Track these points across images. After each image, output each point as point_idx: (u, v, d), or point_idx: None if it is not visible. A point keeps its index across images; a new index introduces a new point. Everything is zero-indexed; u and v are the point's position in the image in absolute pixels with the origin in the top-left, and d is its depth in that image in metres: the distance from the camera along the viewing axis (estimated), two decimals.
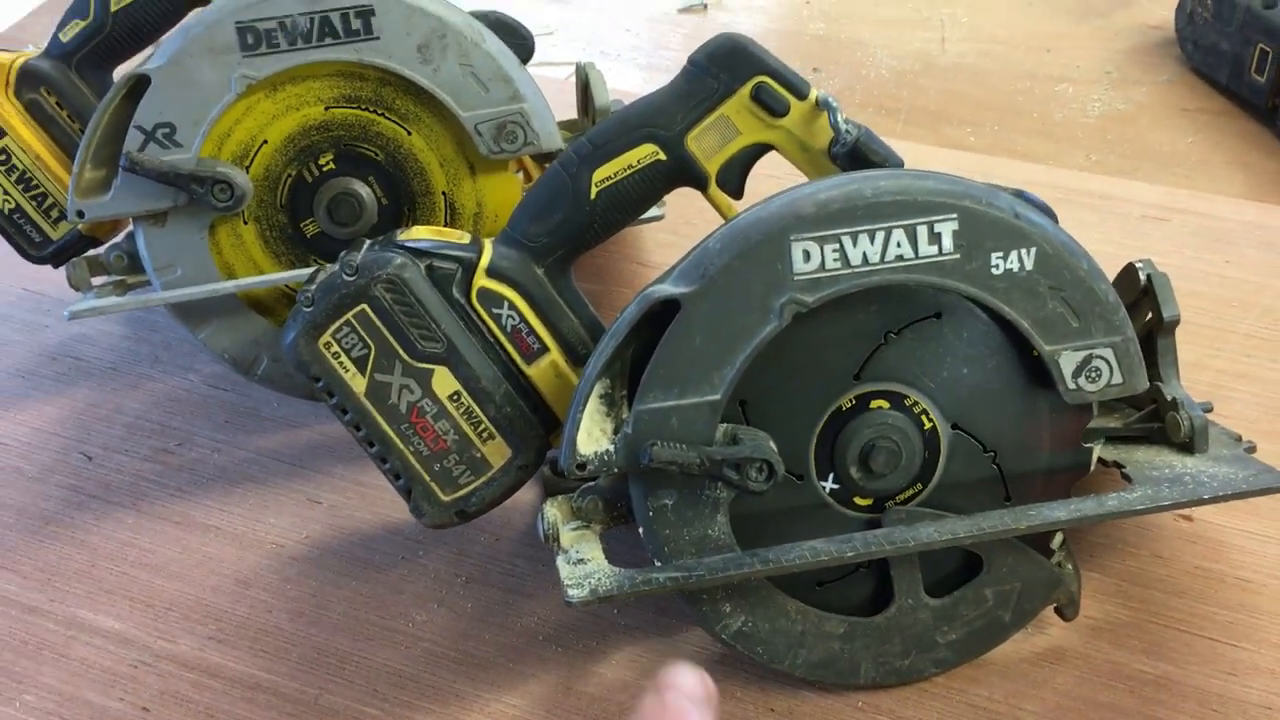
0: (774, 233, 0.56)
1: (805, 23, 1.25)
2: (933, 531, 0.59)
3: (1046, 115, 1.10)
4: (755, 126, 0.64)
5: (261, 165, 0.75)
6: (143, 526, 0.73)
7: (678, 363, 0.57)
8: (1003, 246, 0.57)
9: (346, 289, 0.60)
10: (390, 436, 0.62)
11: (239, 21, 0.71)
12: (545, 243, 0.64)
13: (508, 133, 0.75)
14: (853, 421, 0.60)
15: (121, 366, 0.84)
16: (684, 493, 0.59)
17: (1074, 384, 0.59)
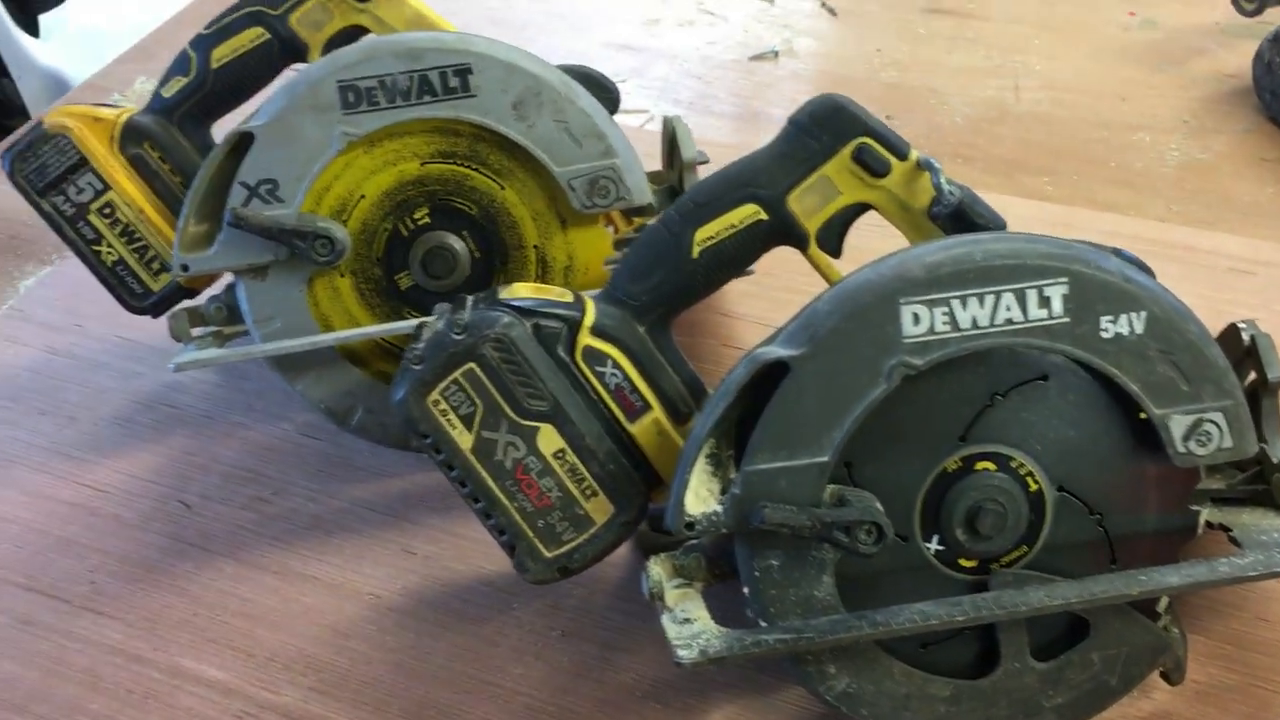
0: (884, 296, 0.56)
1: (877, 71, 1.26)
2: (1043, 596, 0.58)
3: (1125, 164, 1.10)
4: (856, 186, 0.65)
5: (359, 219, 0.76)
6: (242, 575, 0.74)
7: (787, 424, 0.57)
8: (1113, 310, 0.57)
9: (455, 348, 0.61)
10: (495, 493, 0.62)
11: (341, 80, 0.72)
12: (647, 301, 0.65)
13: (600, 188, 0.75)
14: (959, 483, 0.60)
15: (216, 415, 0.85)
16: (790, 553, 0.59)
17: (1184, 448, 0.59)
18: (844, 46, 1.30)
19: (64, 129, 0.78)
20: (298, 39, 0.81)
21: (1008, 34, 1.31)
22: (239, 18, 0.81)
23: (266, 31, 0.81)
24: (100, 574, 0.75)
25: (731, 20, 1.37)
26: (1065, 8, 1.36)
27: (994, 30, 1.32)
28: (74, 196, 0.79)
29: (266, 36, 0.81)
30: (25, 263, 1.03)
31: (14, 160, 0.79)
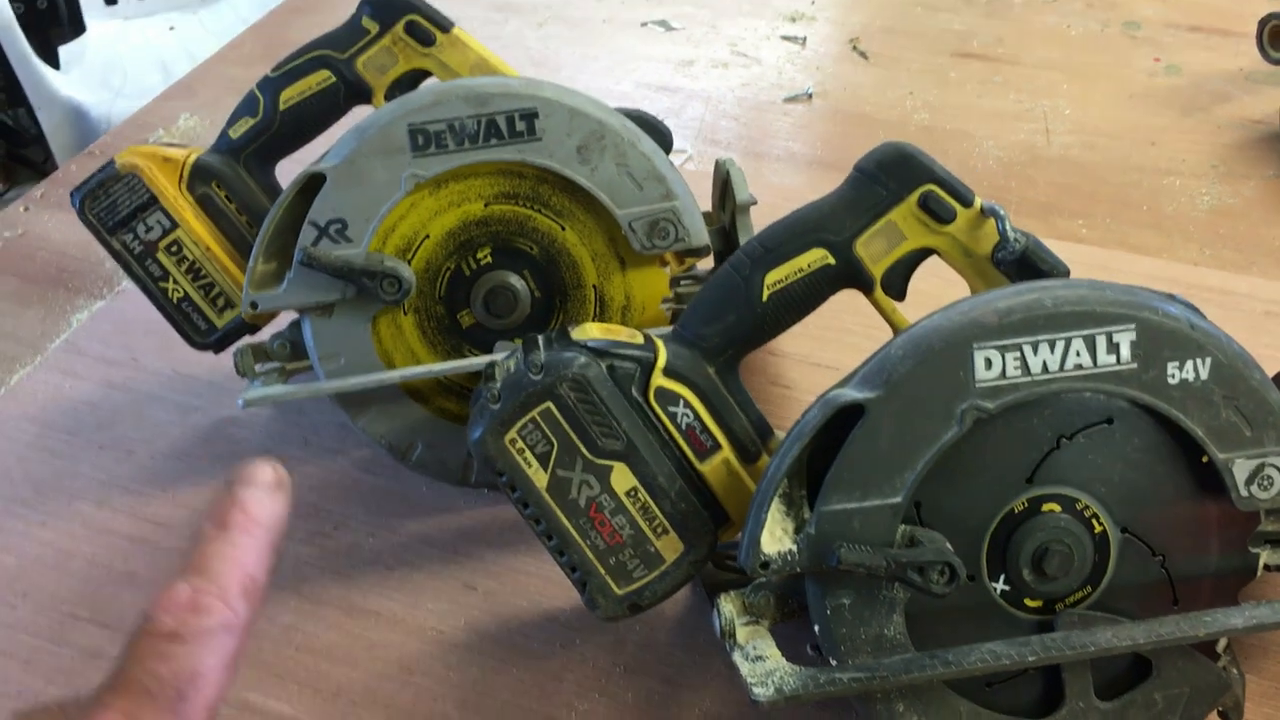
0: (957, 341, 0.57)
1: (910, 113, 1.28)
2: (1110, 637, 0.59)
3: (1157, 208, 1.12)
4: (921, 232, 0.66)
5: (423, 259, 0.77)
6: (305, 610, 0.75)
7: (861, 466, 0.58)
8: (1179, 356, 0.58)
9: (533, 387, 0.62)
10: (569, 530, 0.64)
11: (411, 124, 0.74)
12: (717, 343, 0.66)
13: (660, 229, 0.77)
14: (1025, 524, 0.61)
15: (274, 449, 0.87)
16: (862, 592, 0.60)
17: (1246, 491, 0.60)
18: (876, 89, 1.33)
19: (135, 168, 0.80)
20: (363, 82, 0.83)
21: (1037, 78, 1.33)
22: (306, 61, 0.82)
23: (333, 75, 0.82)
24: None
25: (764, 62, 1.39)
26: (1091, 53, 1.39)
27: (1023, 74, 1.34)
28: (143, 234, 0.81)
29: (333, 79, 0.82)
30: (76, 297, 1.04)
31: (84, 199, 0.80)
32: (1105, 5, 1.49)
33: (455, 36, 0.84)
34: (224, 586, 0.39)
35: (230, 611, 0.39)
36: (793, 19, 1.49)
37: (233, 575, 0.40)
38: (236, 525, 0.41)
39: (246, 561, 0.40)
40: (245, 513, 0.41)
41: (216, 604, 0.39)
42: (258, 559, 0.41)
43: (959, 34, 1.43)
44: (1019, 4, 1.50)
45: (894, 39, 1.43)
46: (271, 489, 0.42)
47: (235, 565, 0.40)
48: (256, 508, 0.41)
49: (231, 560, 0.40)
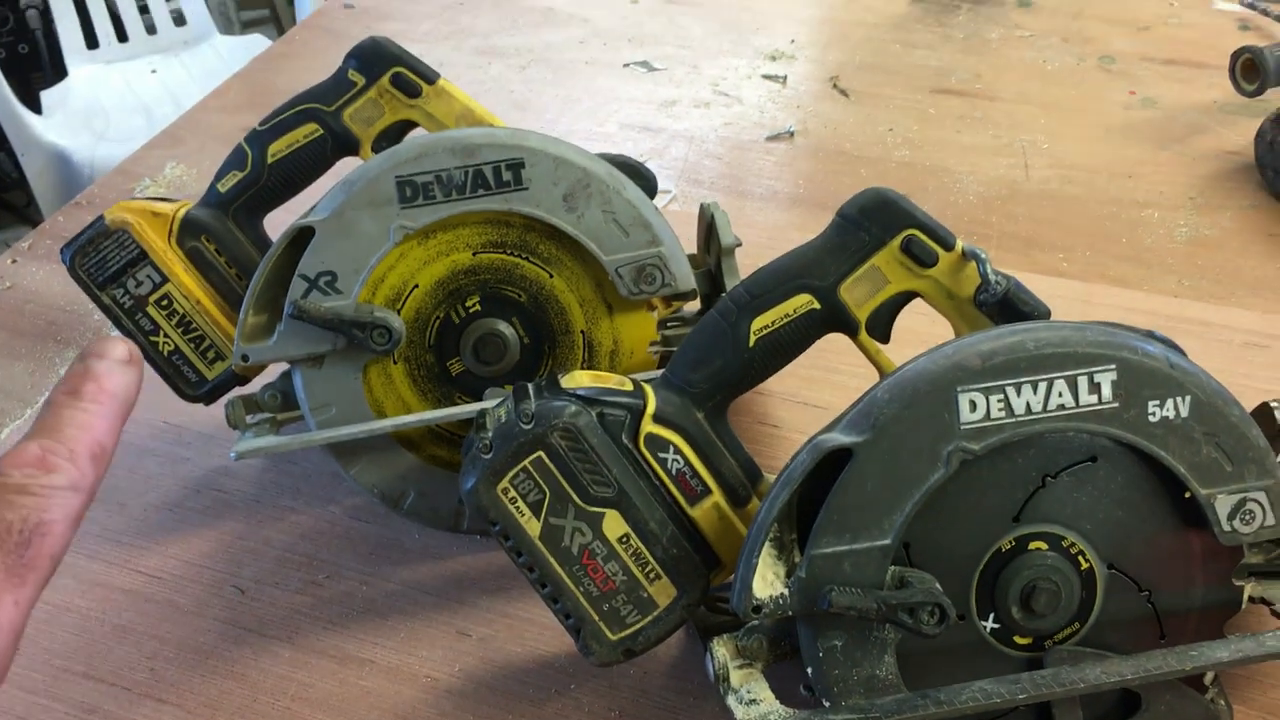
0: (942, 384, 0.58)
1: (890, 150, 1.29)
2: (1099, 673, 0.60)
3: (1135, 241, 1.13)
4: (904, 276, 0.67)
5: (412, 308, 0.78)
6: (299, 660, 0.75)
7: (850, 509, 0.59)
8: (1159, 395, 0.59)
9: (525, 437, 0.63)
10: (562, 578, 0.64)
11: (399, 176, 0.75)
12: (706, 388, 0.67)
13: (646, 275, 0.78)
14: (1013, 563, 0.62)
15: (264, 499, 0.87)
16: (854, 634, 0.60)
17: (1229, 526, 0.61)
18: (857, 126, 1.34)
19: (124, 224, 0.81)
20: (350, 134, 0.84)
21: (1015, 113, 1.35)
22: (293, 114, 0.83)
23: (320, 127, 0.83)
24: (158, 660, 0.76)
25: (746, 101, 1.41)
26: (1068, 87, 1.41)
27: (1001, 109, 1.36)
28: (133, 289, 0.81)
29: (320, 132, 0.83)
30: (65, 349, 1.04)
31: (75, 255, 0.81)
32: (1080, 39, 1.52)
33: (441, 87, 0.85)
34: (73, 449, 0.41)
35: (78, 472, 0.41)
36: (773, 58, 1.50)
37: (82, 439, 0.41)
38: (88, 394, 0.43)
39: (96, 428, 0.42)
40: (97, 383, 0.43)
41: (64, 464, 0.41)
42: (107, 427, 0.42)
43: (937, 70, 1.46)
44: (995, 39, 1.53)
45: (873, 76, 1.45)
46: (123, 363, 0.44)
47: (85, 430, 0.42)
48: (108, 379, 0.43)
49: (82, 425, 0.42)
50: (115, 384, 0.44)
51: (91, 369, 0.44)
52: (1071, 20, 1.57)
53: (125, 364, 0.44)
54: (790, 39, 1.55)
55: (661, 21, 1.61)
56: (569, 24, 1.62)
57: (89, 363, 0.44)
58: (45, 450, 0.41)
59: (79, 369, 0.44)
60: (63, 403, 0.43)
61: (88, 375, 0.43)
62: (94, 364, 0.44)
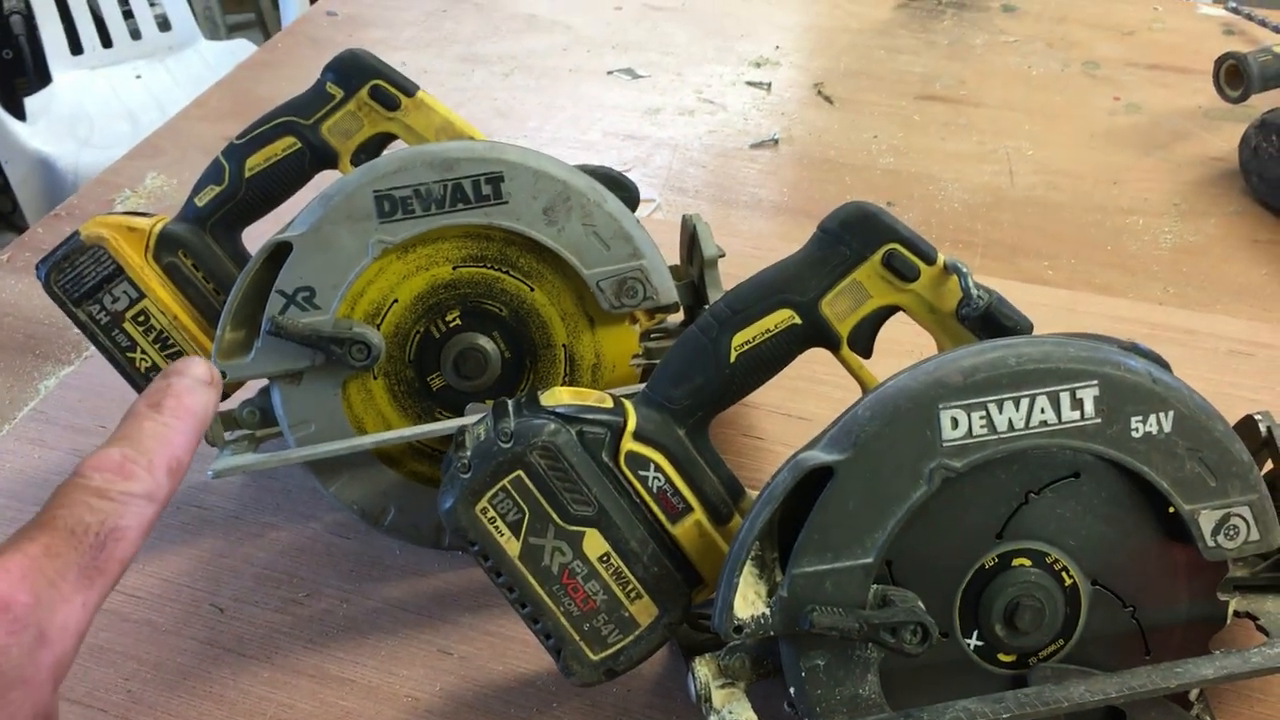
0: (923, 401, 0.58)
1: (875, 157, 1.29)
2: (1084, 691, 0.59)
3: (1120, 247, 1.13)
4: (886, 290, 0.67)
5: (391, 323, 0.77)
6: (278, 680, 0.74)
7: (831, 527, 0.59)
8: (1142, 410, 0.59)
9: (503, 456, 0.62)
10: (542, 598, 0.63)
11: (377, 190, 0.74)
12: (687, 405, 0.66)
13: (628, 288, 0.77)
14: (996, 580, 0.62)
15: (245, 515, 0.86)
16: (836, 653, 0.60)
17: (1213, 542, 0.61)
18: (842, 133, 1.34)
19: (100, 240, 0.80)
20: (329, 147, 0.83)
21: (999, 120, 1.35)
22: (271, 128, 0.82)
23: (298, 141, 0.82)
24: (135, 682, 0.75)
25: (730, 109, 1.40)
26: (1052, 93, 1.41)
27: (985, 116, 1.36)
28: (109, 305, 0.80)
29: (298, 145, 0.82)
30: (44, 363, 1.03)
31: (50, 271, 0.80)
32: (1065, 45, 1.52)
33: (420, 100, 0.84)
34: (152, 460, 0.42)
35: (154, 482, 0.42)
36: (758, 64, 1.50)
37: (161, 452, 0.43)
38: (169, 409, 0.44)
39: (175, 442, 0.44)
40: (178, 399, 0.45)
41: (143, 473, 0.42)
42: (185, 443, 0.44)
43: (921, 76, 1.45)
44: (980, 45, 1.52)
45: (858, 82, 1.45)
46: (204, 383, 0.46)
47: (164, 444, 0.43)
48: (189, 396, 0.45)
49: (161, 438, 0.43)
50: (195, 402, 0.45)
51: (174, 385, 0.45)
52: (1056, 25, 1.57)
53: (206, 384, 0.46)
54: (775, 45, 1.54)
55: (645, 28, 1.61)
56: (552, 31, 1.61)
57: (171, 380, 0.46)
58: (126, 458, 0.42)
59: (162, 384, 0.45)
60: (144, 414, 0.44)
61: (169, 391, 0.45)
62: (176, 381, 0.45)
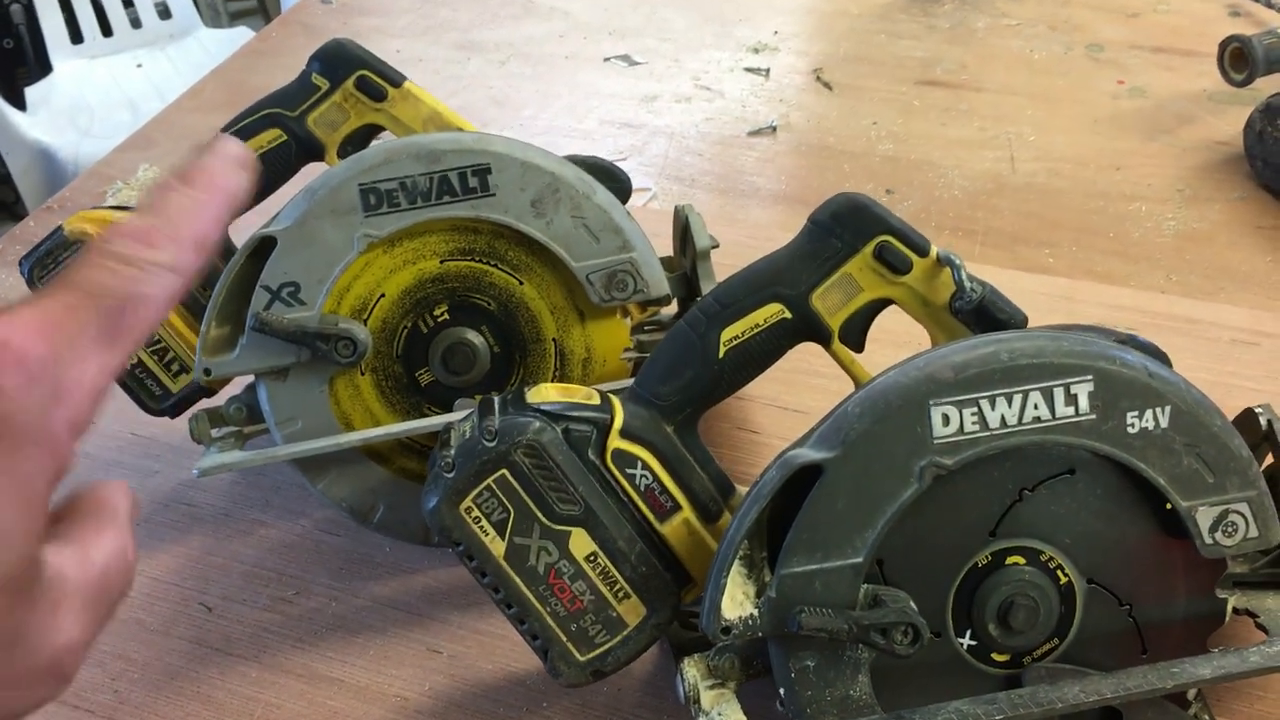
0: (914, 398, 0.57)
1: (874, 144, 1.27)
2: (1078, 691, 0.58)
3: (1123, 235, 1.11)
4: (877, 283, 0.66)
5: (379, 318, 0.76)
6: (266, 680, 0.74)
7: (820, 526, 0.57)
8: (1138, 406, 0.58)
9: (487, 455, 0.61)
10: (528, 598, 0.63)
11: (362, 184, 0.73)
12: (675, 401, 0.65)
13: (618, 281, 0.76)
14: (990, 578, 0.61)
15: (234, 512, 0.85)
16: (826, 654, 0.59)
17: (1211, 539, 0.59)
18: (840, 120, 1.32)
19: (83, 235, 0.79)
20: (314, 139, 0.82)
21: (1001, 105, 1.33)
22: (256, 120, 0.81)
23: (284, 133, 0.82)
24: (123, 681, 0.74)
25: (728, 95, 1.39)
26: (1055, 77, 1.39)
27: (987, 101, 1.34)
28: None
29: (284, 138, 0.82)
30: None
31: (33, 267, 0.79)
32: (1068, 28, 1.50)
33: (407, 90, 0.83)
34: (178, 232, 0.41)
35: (180, 254, 0.41)
36: (756, 50, 1.48)
37: (188, 225, 0.41)
38: (200, 184, 0.43)
39: (203, 217, 0.42)
40: (210, 175, 0.43)
41: (168, 243, 0.41)
42: (214, 218, 0.43)
43: (922, 61, 1.43)
44: (982, 29, 1.51)
45: (857, 68, 1.43)
46: (238, 163, 0.44)
47: (192, 217, 0.42)
48: (221, 175, 0.43)
49: (189, 212, 0.42)
50: (227, 180, 0.44)
51: (207, 162, 0.43)
52: (1059, 8, 1.54)
53: (240, 164, 0.44)
54: (774, 30, 1.53)
55: (643, 13, 1.59)
56: (550, 17, 1.59)
57: (205, 156, 0.44)
58: (152, 227, 0.41)
59: (194, 160, 0.44)
60: (173, 187, 0.42)
61: (202, 167, 0.43)
62: (209, 158, 0.44)
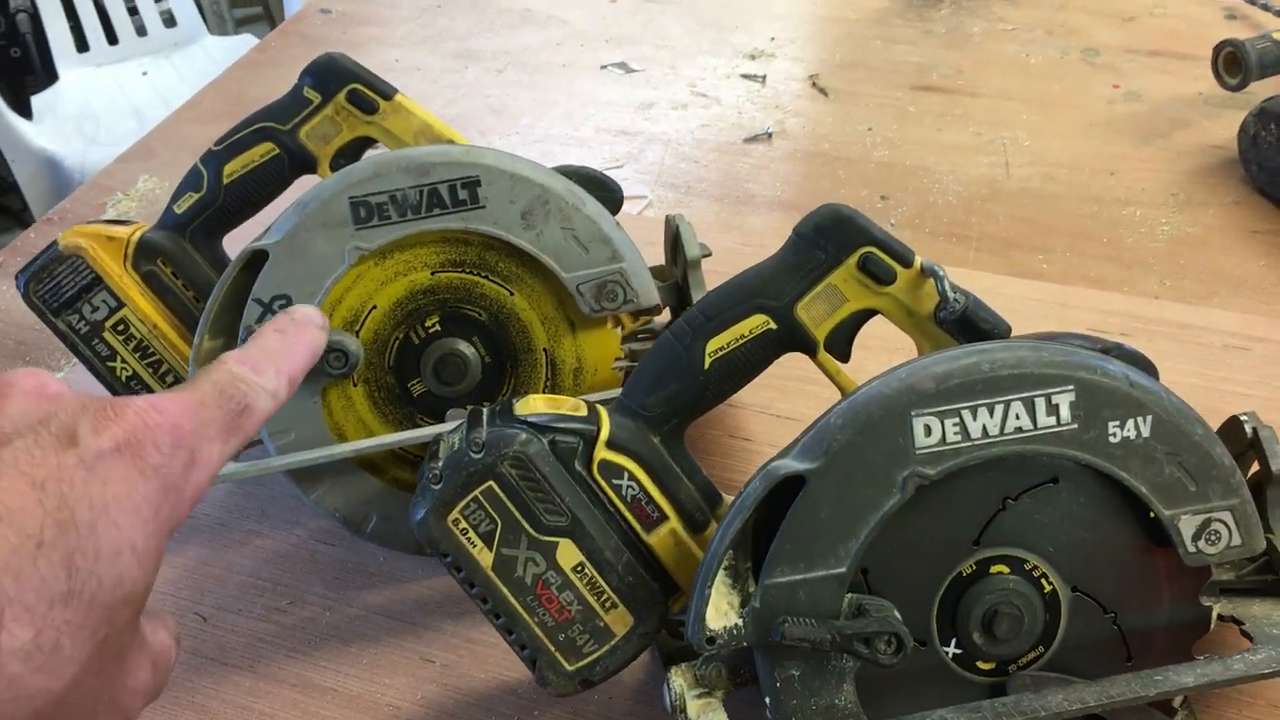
0: (895, 409, 0.57)
1: (869, 150, 1.28)
2: (1062, 700, 0.59)
3: (1116, 240, 1.11)
4: (862, 294, 0.66)
5: (370, 330, 0.77)
6: (261, 690, 0.74)
7: (803, 537, 0.58)
8: (1119, 415, 0.58)
9: (474, 467, 0.62)
10: (516, 608, 0.63)
11: (352, 197, 0.73)
12: (661, 412, 0.66)
13: (608, 291, 0.77)
14: (974, 587, 0.61)
15: (230, 522, 0.86)
16: (811, 664, 0.59)
17: (1194, 547, 0.60)
18: (836, 126, 1.33)
19: (78, 249, 0.79)
20: (307, 152, 0.83)
21: (996, 110, 1.34)
22: (249, 134, 0.82)
23: (276, 146, 0.82)
24: None
25: (724, 102, 1.39)
26: (1051, 81, 1.39)
27: (982, 106, 1.34)
28: (88, 315, 0.80)
29: (276, 151, 0.82)
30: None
31: (29, 281, 0.80)
32: (1064, 32, 1.50)
33: (398, 103, 0.84)
34: (278, 365, 0.51)
35: (278, 384, 0.51)
36: (752, 56, 1.49)
37: (285, 362, 0.51)
38: (292, 333, 0.53)
39: (295, 362, 0.52)
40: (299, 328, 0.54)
41: (271, 373, 0.50)
42: (301, 362, 0.53)
43: (918, 66, 1.44)
44: (978, 34, 1.51)
45: (853, 73, 1.44)
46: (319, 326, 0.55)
47: (287, 356, 0.52)
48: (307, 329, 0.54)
49: (284, 353, 0.52)
50: (310, 334, 0.54)
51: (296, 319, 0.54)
52: (1056, 12, 1.55)
53: (320, 327, 0.55)
54: (770, 37, 1.53)
55: (640, 21, 1.60)
56: (547, 25, 1.60)
57: (294, 314, 0.55)
58: (259, 358, 0.50)
59: (284, 317, 0.54)
60: (271, 336, 0.53)
61: (292, 320, 0.54)
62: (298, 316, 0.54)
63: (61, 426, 0.42)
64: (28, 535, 0.39)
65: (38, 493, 0.39)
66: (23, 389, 0.44)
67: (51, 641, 0.39)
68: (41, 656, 0.39)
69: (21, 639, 0.38)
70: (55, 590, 0.39)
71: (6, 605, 0.38)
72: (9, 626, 0.38)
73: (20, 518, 0.39)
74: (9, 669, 0.38)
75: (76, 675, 0.41)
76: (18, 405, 0.43)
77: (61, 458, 0.41)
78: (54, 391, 0.44)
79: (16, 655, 0.38)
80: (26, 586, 0.38)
